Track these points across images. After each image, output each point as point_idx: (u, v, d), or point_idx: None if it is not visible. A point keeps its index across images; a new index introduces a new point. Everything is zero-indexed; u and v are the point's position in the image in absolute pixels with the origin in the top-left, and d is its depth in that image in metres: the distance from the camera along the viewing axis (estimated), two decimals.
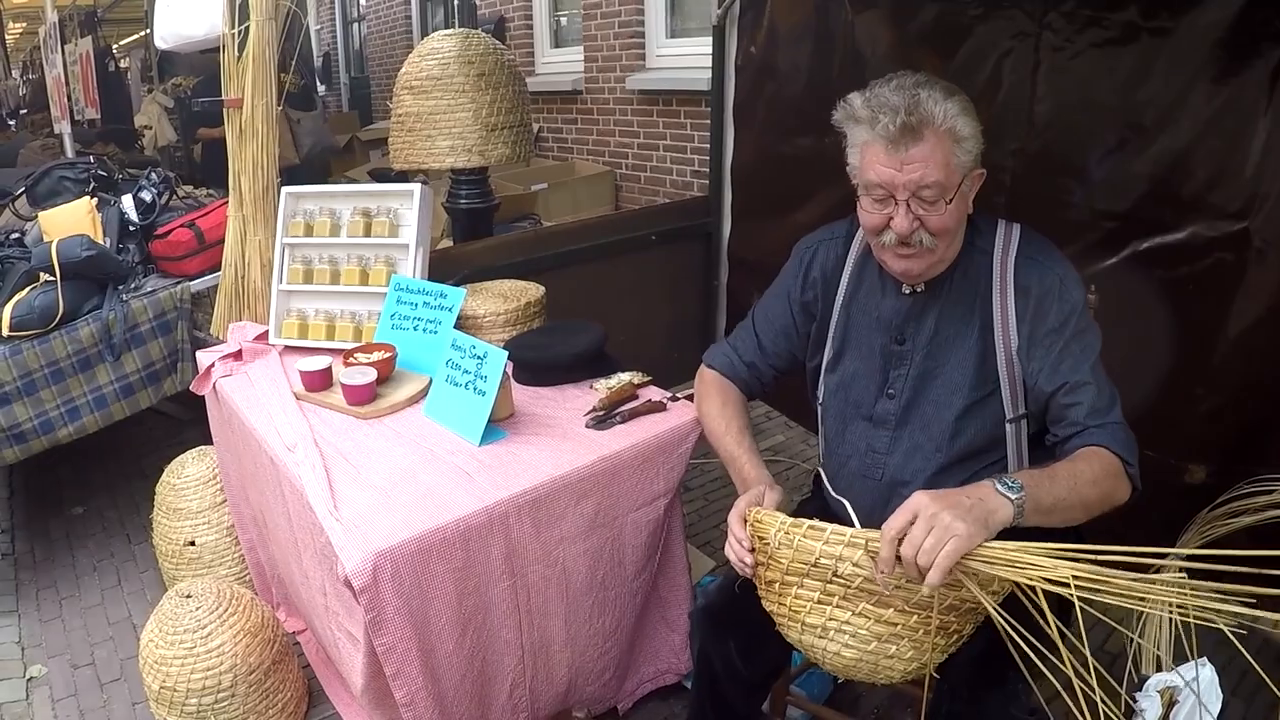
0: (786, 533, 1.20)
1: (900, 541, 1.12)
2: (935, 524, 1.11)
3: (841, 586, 1.18)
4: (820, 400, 1.67)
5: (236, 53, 2.46)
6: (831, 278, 1.62)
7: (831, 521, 1.22)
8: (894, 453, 1.54)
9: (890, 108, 1.32)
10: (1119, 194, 2.22)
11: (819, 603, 1.20)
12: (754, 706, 1.68)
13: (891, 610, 1.17)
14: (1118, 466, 1.32)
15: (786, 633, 1.29)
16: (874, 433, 1.56)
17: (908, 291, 1.51)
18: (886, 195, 1.37)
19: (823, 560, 1.17)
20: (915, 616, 1.17)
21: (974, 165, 1.39)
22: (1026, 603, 1.09)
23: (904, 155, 1.33)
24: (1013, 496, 1.18)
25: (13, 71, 7.48)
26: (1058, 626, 1.05)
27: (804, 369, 1.71)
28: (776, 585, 1.25)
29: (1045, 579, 1.06)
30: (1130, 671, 1.70)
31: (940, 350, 1.49)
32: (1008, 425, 1.48)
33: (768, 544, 1.24)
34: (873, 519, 1.29)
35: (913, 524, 1.12)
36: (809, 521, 1.19)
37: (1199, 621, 1.14)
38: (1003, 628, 1.10)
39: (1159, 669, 1.83)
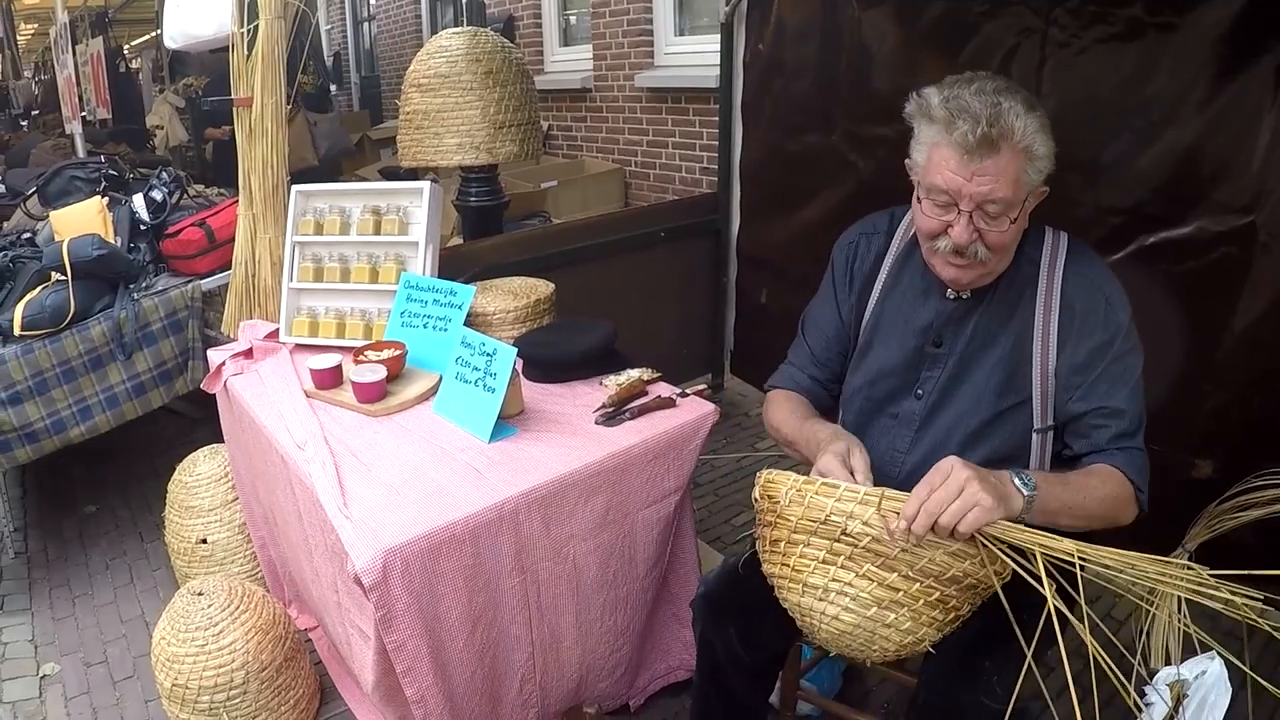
0: (799, 490, 1.21)
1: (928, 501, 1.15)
2: (966, 488, 1.14)
3: (848, 545, 1.19)
4: (843, 394, 1.67)
5: (245, 51, 2.47)
6: (871, 272, 1.60)
7: None
8: (915, 452, 1.53)
9: (971, 115, 1.27)
10: (1125, 189, 2.21)
11: (823, 562, 1.21)
12: (758, 694, 1.68)
13: (895, 575, 1.18)
14: (1129, 493, 1.33)
15: (786, 595, 1.28)
16: (897, 431, 1.55)
17: (952, 296, 1.49)
18: (950, 202, 1.33)
19: (833, 517, 1.18)
20: (918, 584, 1.18)
21: (1041, 183, 1.36)
22: (1027, 576, 1.12)
23: (976, 166, 1.29)
24: (1026, 493, 1.21)
25: (25, 72, 7.53)
26: (1067, 596, 1.10)
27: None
28: (782, 544, 1.25)
29: (1049, 547, 1.13)
30: (1139, 667, 1.70)
31: (975, 355, 1.48)
32: (1034, 435, 1.46)
33: (777, 503, 1.24)
34: None
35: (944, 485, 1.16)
36: (823, 479, 1.21)
37: (1210, 601, 1.15)
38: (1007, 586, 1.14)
39: (1168, 663, 1.83)
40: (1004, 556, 1.14)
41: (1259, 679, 1.14)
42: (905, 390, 1.54)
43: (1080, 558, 1.11)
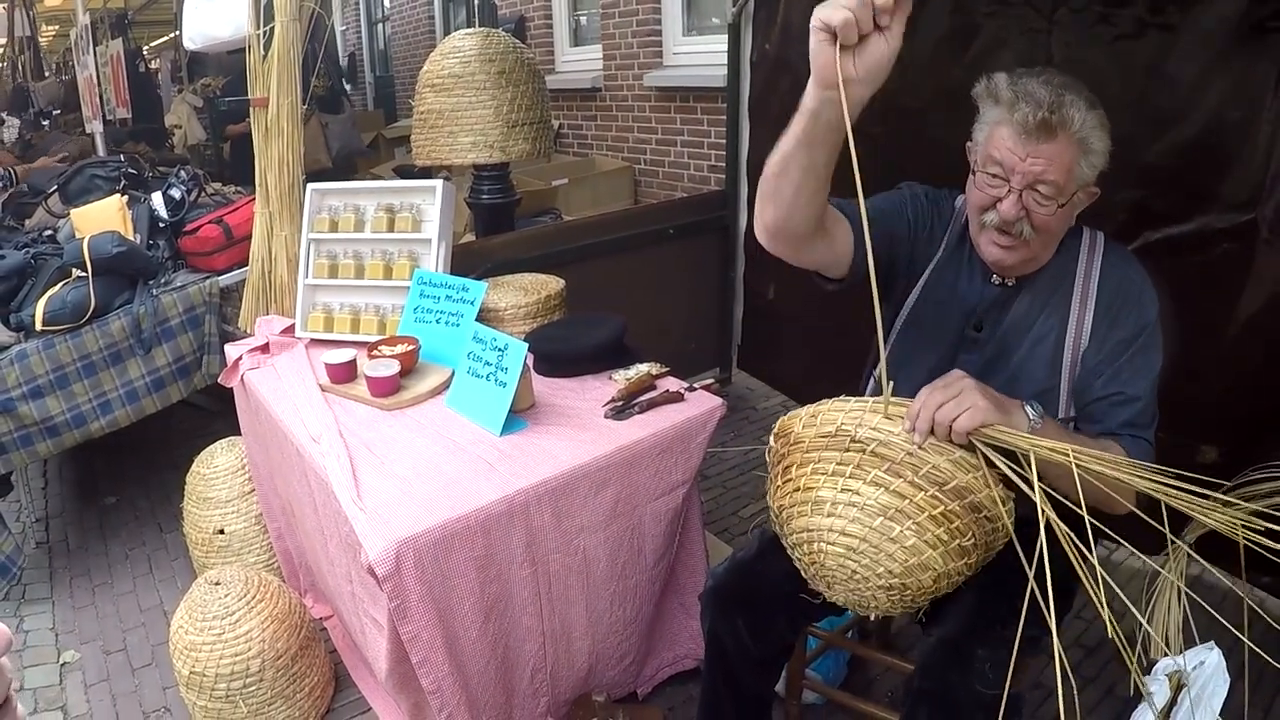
0: (813, 414, 1.27)
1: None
2: (964, 393, 1.19)
3: (856, 453, 1.22)
4: (874, 369, 1.68)
5: (262, 53, 2.51)
6: (938, 231, 1.61)
7: None
8: None
9: (1035, 100, 1.33)
10: (1130, 186, 2.23)
11: (832, 474, 1.23)
12: (765, 685, 1.71)
13: (901, 480, 1.20)
14: None
15: (794, 524, 1.29)
16: None
17: (996, 282, 1.53)
18: (1003, 178, 1.38)
19: (844, 427, 1.22)
20: (922, 493, 1.19)
21: (1092, 181, 1.40)
22: (1017, 480, 1.15)
23: (1032, 148, 1.34)
24: (1032, 416, 1.25)
25: (46, 72, 7.62)
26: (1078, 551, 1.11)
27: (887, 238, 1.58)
28: (794, 469, 1.28)
29: (1044, 449, 1.15)
30: (1140, 656, 1.72)
31: (1013, 342, 1.52)
32: None
33: (791, 432, 1.29)
34: None
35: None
36: (830, 402, 1.26)
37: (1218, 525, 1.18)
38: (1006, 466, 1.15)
39: (1167, 653, 1.85)
40: (996, 457, 1.18)
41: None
42: (941, 372, 1.57)
43: (1077, 462, 1.13)
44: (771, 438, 1.34)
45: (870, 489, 1.21)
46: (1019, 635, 1.13)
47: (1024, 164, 1.35)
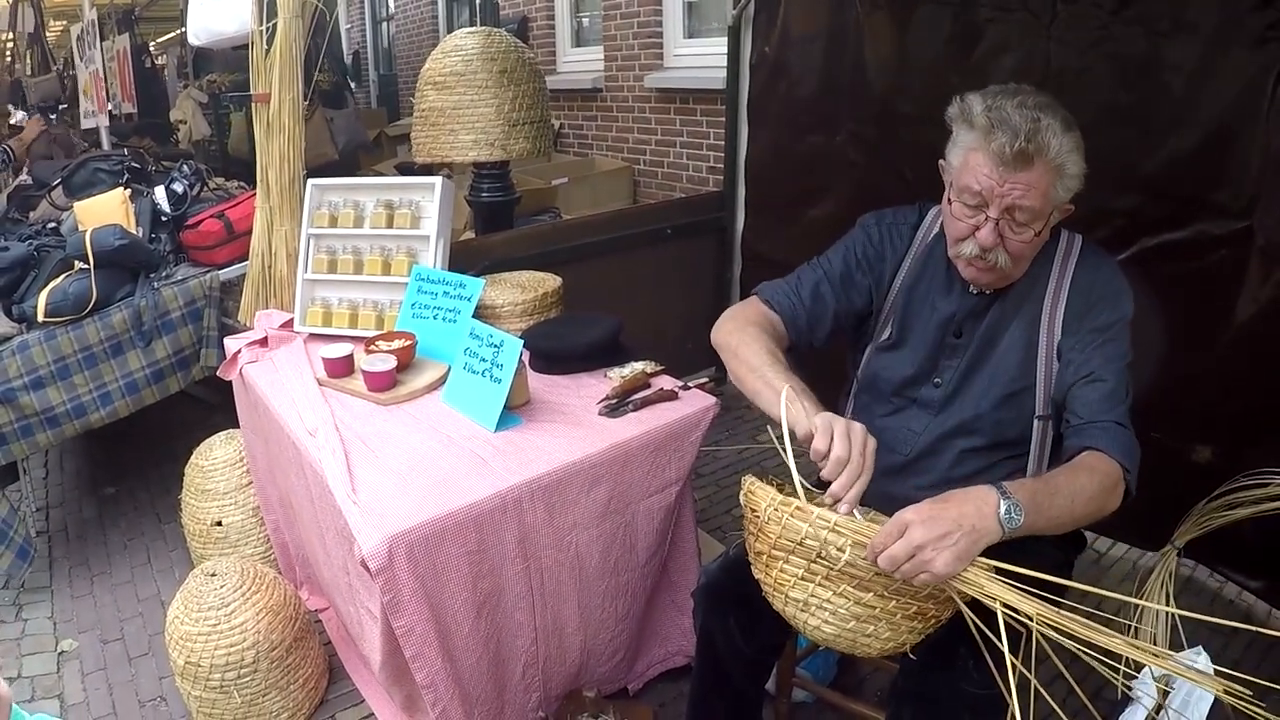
0: (776, 509, 1.22)
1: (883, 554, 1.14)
2: (916, 555, 1.12)
3: (824, 567, 1.20)
4: (859, 376, 1.71)
5: (265, 49, 2.52)
6: (892, 259, 1.64)
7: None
8: (927, 434, 1.59)
9: (1010, 128, 1.34)
10: (1127, 192, 2.25)
11: (803, 579, 1.22)
12: (755, 682, 1.72)
13: (871, 594, 1.19)
14: (1117, 475, 1.33)
15: (772, 601, 1.31)
16: (914, 414, 1.62)
17: (974, 292, 1.55)
18: (980, 205, 1.40)
19: (808, 541, 1.19)
20: (894, 601, 1.20)
21: (1067, 200, 1.42)
22: (989, 631, 1.12)
23: (1010, 176, 1.35)
24: (1007, 528, 1.17)
25: (53, 67, 7.62)
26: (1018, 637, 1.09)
27: (831, 330, 1.66)
28: (764, 556, 1.27)
29: (1010, 607, 1.10)
30: (1127, 659, 1.73)
31: (990, 343, 1.54)
32: (1036, 422, 1.52)
33: (759, 516, 1.26)
34: (884, 489, 1.37)
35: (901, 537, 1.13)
36: (797, 502, 1.21)
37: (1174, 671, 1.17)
38: (972, 621, 1.14)
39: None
40: (965, 609, 1.16)
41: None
42: (924, 378, 1.61)
43: (1042, 620, 1.09)
44: (742, 497, 1.32)
45: (840, 599, 1.21)
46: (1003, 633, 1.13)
47: (1002, 189, 1.36)
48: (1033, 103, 1.37)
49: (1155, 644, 1.82)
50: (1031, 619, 1.09)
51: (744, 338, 1.54)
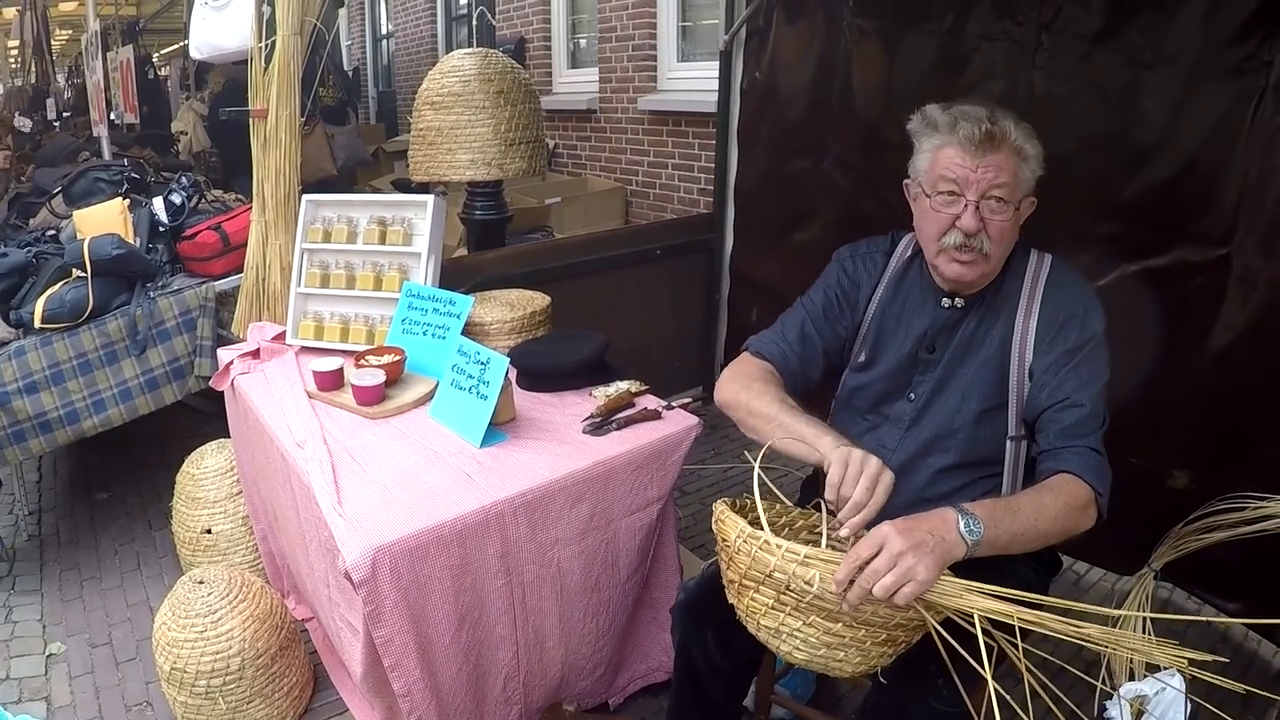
0: (746, 541, 1.23)
1: (863, 568, 1.16)
2: (898, 563, 1.15)
3: (794, 599, 1.21)
4: (837, 395, 1.76)
5: (263, 65, 2.56)
6: (867, 285, 1.70)
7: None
8: (901, 450, 1.62)
9: (973, 117, 1.45)
10: (1108, 219, 2.29)
11: (773, 608, 1.24)
12: (733, 699, 1.74)
13: (840, 625, 1.21)
14: (1087, 497, 1.36)
15: (746, 625, 1.34)
16: (886, 429, 1.65)
17: (946, 305, 1.60)
18: (957, 194, 1.46)
19: (777, 574, 1.20)
20: (863, 630, 1.22)
21: (1031, 190, 1.50)
22: (964, 652, 1.15)
23: (982, 159, 1.44)
24: (969, 541, 1.22)
25: (58, 76, 7.68)
26: (998, 651, 1.12)
27: (824, 367, 1.73)
28: (736, 585, 1.30)
29: (989, 611, 1.14)
30: (1104, 679, 1.76)
31: (962, 359, 1.58)
32: (1009, 442, 1.56)
33: (729, 545, 1.28)
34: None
35: (878, 553, 1.16)
36: (764, 535, 1.22)
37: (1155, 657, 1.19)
38: (945, 641, 1.17)
39: (1132, 678, 1.89)
40: (938, 630, 1.17)
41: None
42: (899, 393, 1.65)
43: (1021, 620, 1.13)
44: (714, 523, 1.34)
45: (810, 629, 1.23)
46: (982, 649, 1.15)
47: (976, 174, 1.44)
48: (987, 103, 1.49)
49: (1131, 665, 1.85)
50: (1012, 618, 1.13)
51: (750, 394, 1.58)
